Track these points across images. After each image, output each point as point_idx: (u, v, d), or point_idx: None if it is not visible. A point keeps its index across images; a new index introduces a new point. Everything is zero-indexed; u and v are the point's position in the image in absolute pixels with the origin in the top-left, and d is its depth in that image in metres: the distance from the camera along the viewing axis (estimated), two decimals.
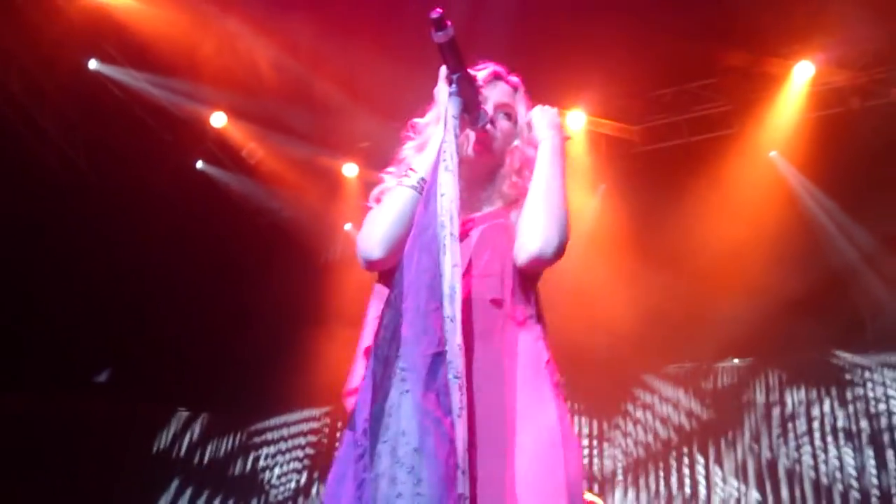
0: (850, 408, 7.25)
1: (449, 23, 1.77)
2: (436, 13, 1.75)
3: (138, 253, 7.55)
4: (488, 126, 2.07)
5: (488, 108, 2.12)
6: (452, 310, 1.68)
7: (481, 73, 2.19)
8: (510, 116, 2.19)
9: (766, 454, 7.38)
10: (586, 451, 7.95)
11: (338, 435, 8.85)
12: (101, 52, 6.98)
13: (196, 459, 9.31)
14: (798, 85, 6.73)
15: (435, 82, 2.08)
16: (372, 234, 1.94)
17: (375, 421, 1.68)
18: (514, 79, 2.25)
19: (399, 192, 1.97)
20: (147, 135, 7.37)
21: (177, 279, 7.87)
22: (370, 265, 1.96)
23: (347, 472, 1.74)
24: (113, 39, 6.84)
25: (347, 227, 8.38)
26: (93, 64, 7.02)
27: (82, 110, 7.21)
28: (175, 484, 9.11)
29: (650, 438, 7.87)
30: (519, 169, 2.16)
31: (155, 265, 7.70)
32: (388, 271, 1.91)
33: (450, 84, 1.89)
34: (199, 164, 7.97)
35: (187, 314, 8.10)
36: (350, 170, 7.94)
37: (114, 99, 7.11)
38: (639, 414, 8.01)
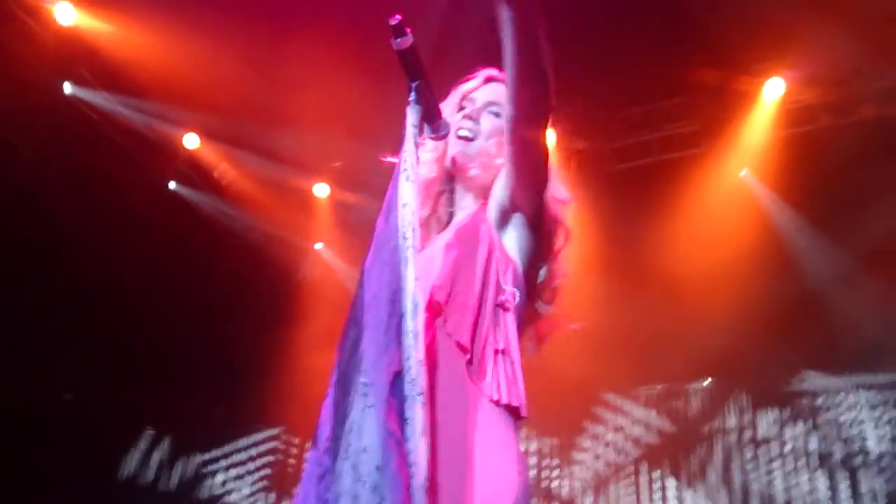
0: (823, 431, 7.23)
1: (408, 30, 1.75)
2: (394, 19, 1.74)
3: (111, 272, 7.51)
4: (467, 122, 2.09)
5: (476, 105, 2.16)
6: (415, 324, 1.64)
7: (475, 80, 2.22)
8: (498, 115, 2.17)
9: (738, 478, 7.34)
10: (555, 472, 7.91)
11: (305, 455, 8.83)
12: (76, 75, 6.98)
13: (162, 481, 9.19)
14: (768, 102, 6.74)
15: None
16: None
17: (337, 439, 1.66)
18: None
19: None
20: (120, 156, 7.33)
21: (149, 299, 7.81)
22: None
23: (310, 492, 1.71)
24: (86, 62, 6.85)
25: (318, 246, 8.39)
26: (67, 88, 7.01)
27: (56, 132, 7.18)
28: None
29: (618, 459, 7.83)
30: (495, 154, 2.16)
31: (127, 284, 7.65)
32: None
33: (409, 92, 1.86)
34: (172, 185, 7.94)
35: (159, 334, 8.04)
36: (321, 189, 7.94)
37: (87, 121, 7.10)
38: (608, 436, 7.98)
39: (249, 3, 5.87)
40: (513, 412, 1.84)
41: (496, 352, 1.86)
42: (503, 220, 2.06)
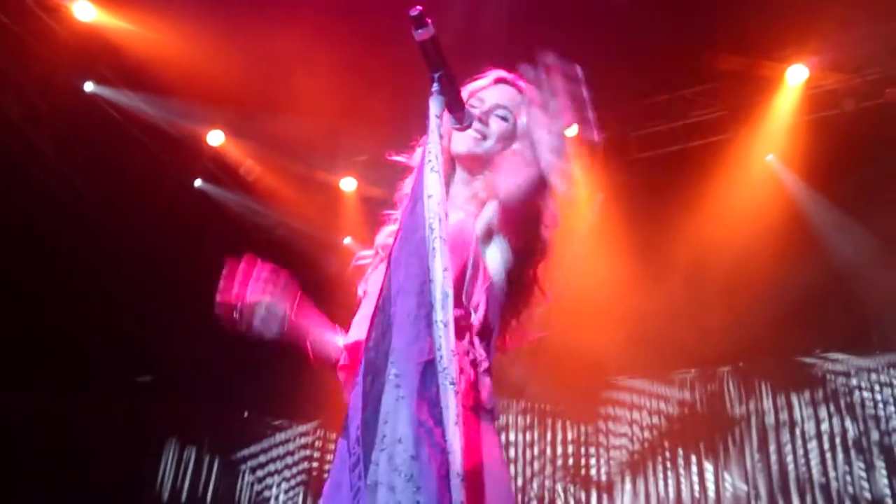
0: (857, 411, 7.22)
1: (429, 20, 1.75)
2: (415, 11, 1.74)
3: (137, 272, 7.55)
4: (476, 124, 2.07)
5: (484, 107, 2.13)
6: (445, 315, 1.65)
7: (484, 79, 2.20)
8: (506, 119, 2.16)
9: (773, 461, 7.34)
10: (591, 459, 7.97)
11: (331, 447, 8.88)
12: (96, 73, 6.99)
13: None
14: (792, 88, 6.71)
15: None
16: None
17: (368, 428, 1.67)
18: (524, 84, 2.18)
19: None
20: (144, 155, 7.35)
21: (175, 298, 7.86)
22: None
23: (343, 480, 1.74)
24: (107, 61, 6.86)
25: (346, 241, 8.40)
26: (88, 86, 7.03)
27: (79, 132, 7.21)
28: None
29: (650, 444, 7.89)
30: (505, 164, 2.11)
31: (154, 284, 7.69)
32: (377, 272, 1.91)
33: (432, 83, 1.87)
34: (198, 183, 7.97)
35: (187, 332, 8.08)
36: (348, 184, 7.95)
37: (110, 120, 7.10)
38: (642, 420, 8.02)
39: None
40: (493, 414, 1.91)
41: (471, 363, 1.90)
42: (488, 237, 2.04)
